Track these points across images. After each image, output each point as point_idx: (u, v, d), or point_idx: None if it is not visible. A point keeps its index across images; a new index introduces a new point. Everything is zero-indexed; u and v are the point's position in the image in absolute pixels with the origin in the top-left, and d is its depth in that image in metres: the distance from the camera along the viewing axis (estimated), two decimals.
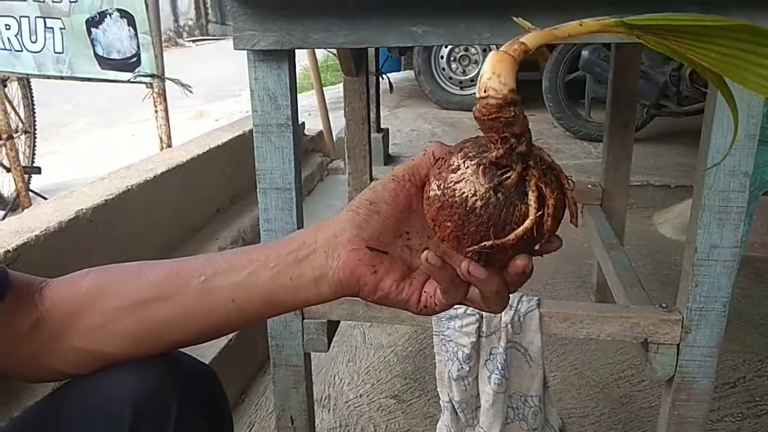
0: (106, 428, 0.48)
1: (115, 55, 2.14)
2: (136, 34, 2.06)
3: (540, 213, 0.41)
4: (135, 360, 0.51)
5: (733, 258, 0.91)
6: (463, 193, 0.41)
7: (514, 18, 0.43)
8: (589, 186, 1.69)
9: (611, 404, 1.37)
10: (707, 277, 0.92)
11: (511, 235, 0.41)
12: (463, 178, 0.42)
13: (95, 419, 0.49)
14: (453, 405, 1.09)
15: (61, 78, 2.30)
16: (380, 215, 0.47)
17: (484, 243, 0.41)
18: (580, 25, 0.39)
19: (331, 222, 0.49)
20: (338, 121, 2.60)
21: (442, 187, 0.43)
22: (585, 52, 3.22)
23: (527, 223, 0.41)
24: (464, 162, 0.42)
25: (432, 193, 0.43)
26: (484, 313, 1.03)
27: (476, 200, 0.41)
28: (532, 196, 0.41)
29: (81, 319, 0.50)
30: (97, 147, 3.99)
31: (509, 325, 1.03)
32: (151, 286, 0.50)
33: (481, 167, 0.41)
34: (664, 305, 0.99)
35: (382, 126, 3.03)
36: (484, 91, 0.39)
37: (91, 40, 2.17)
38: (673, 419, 1.01)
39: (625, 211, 1.68)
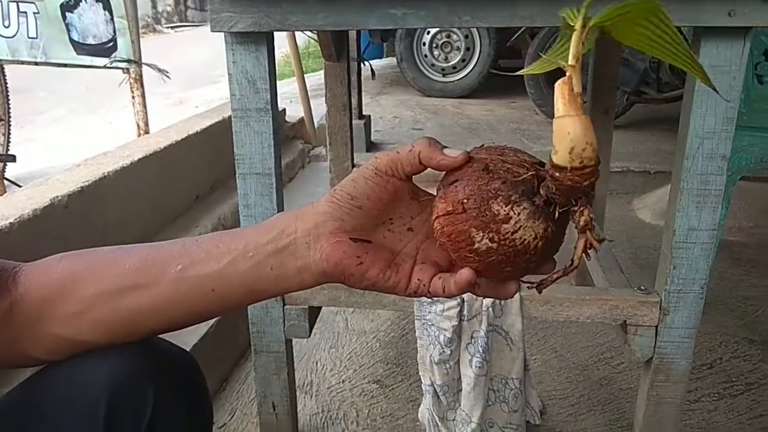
0: (81, 416, 0.47)
1: (90, 40, 2.10)
2: (112, 19, 2.02)
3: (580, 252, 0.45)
4: (111, 347, 0.50)
5: (710, 240, 0.92)
6: (524, 240, 0.43)
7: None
8: None
9: (591, 386, 1.38)
10: (685, 260, 0.93)
11: (576, 261, 0.45)
12: (520, 227, 0.43)
13: (70, 407, 0.48)
14: (435, 388, 1.09)
15: (36, 64, 2.25)
16: (362, 210, 0.47)
17: (554, 276, 0.46)
18: (582, 41, 0.41)
19: (310, 211, 0.48)
20: (320, 108, 2.58)
21: (497, 239, 0.43)
22: None
23: (580, 245, 0.44)
24: (512, 208, 0.43)
25: (484, 246, 0.44)
26: (465, 297, 1.03)
27: (538, 242, 0.43)
28: (581, 220, 0.43)
29: (56, 306, 0.49)
30: (74, 135, 3.93)
31: (490, 309, 1.03)
32: (127, 273, 0.50)
33: (536, 212, 0.43)
34: (642, 288, 1.01)
35: (364, 113, 3.02)
36: (581, 162, 0.41)
37: (66, 25, 2.13)
38: (651, 400, 1.03)
39: (605, 196, 1.70)
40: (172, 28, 10.33)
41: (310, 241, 0.47)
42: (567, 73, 0.41)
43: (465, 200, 0.43)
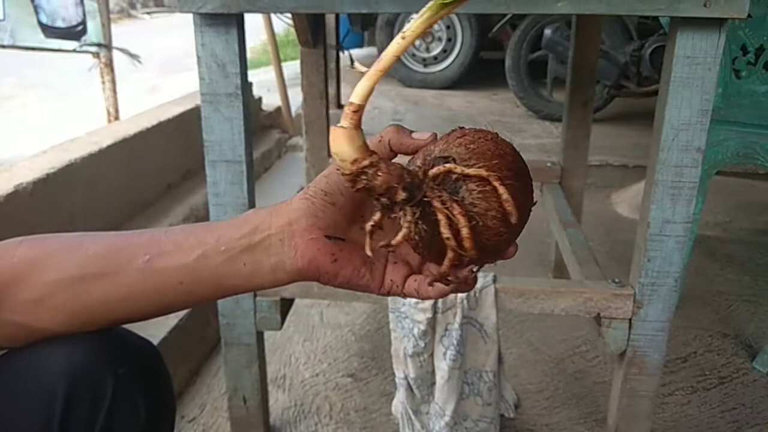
0: (38, 404, 0.46)
1: (59, 23, 2.04)
2: (81, 1, 1.96)
3: (454, 235, 0.41)
4: (71, 335, 0.49)
5: (685, 233, 0.91)
6: (406, 233, 0.42)
7: (353, 65, 0.45)
8: (548, 164, 1.69)
9: (566, 379, 1.38)
10: (659, 253, 0.93)
11: (443, 268, 0.42)
12: (400, 226, 0.42)
13: (28, 392, 0.47)
14: (408, 382, 1.08)
15: (2, 47, 2.17)
16: (336, 206, 0.46)
17: (439, 275, 0.43)
18: (403, 38, 0.41)
19: (284, 208, 0.47)
20: (298, 97, 2.54)
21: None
22: (548, 31, 3.22)
23: (449, 254, 0.41)
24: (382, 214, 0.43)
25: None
26: None
27: (415, 236, 0.42)
28: (443, 225, 0.41)
29: (14, 291, 0.47)
30: (44, 121, 3.83)
31: (465, 301, 1.02)
32: (91, 261, 0.48)
33: (391, 218, 0.43)
34: (616, 280, 1.00)
35: (342, 102, 2.98)
36: (338, 170, 0.43)
37: (35, 7, 2.06)
38: (625, 393, 1.02)
39: (583, 189, 1.69)
40: (148, 13, 10.13)
41: (285, 238, 0.47)
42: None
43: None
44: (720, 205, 2.26)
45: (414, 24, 0.41)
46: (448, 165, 0.41)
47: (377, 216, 0.43)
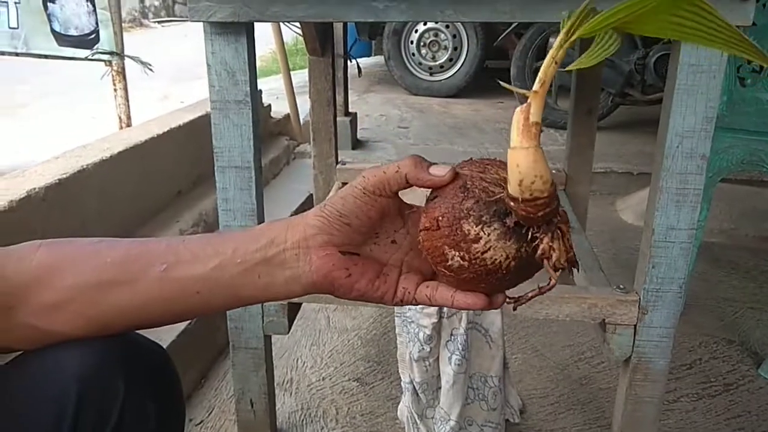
0: (50, 407, 0.47)
1: (72, 32, 2.07)
2: (94, 10, 1.99)
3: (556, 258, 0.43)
4: (83, 339, 0.49)
5: (689, 240, 0.92)
6: (495, 260, 0.43)
7: (503, 84, 0.45)
8: (553, 171, 1.70)
9: (571, 385, 1.38)
10: (664, 259, 0.93)
11: (552, 282, 0.44)
12: (490, 247, 0.43)
13: (39, 398, 0.47)
14: (414, 386, 1.09)
15: (17, 55, 2.21)
16: (351, 226, 0.48)
17: (529, 296, 0.46)
18: (555, 62, 0.40)
19: (300, 222, 0.49)
20: (306, 105, 2.56)
21: (467, 258, 0.44)
22: (552, 40, 3.24)
23: (553, 277, 0.44)
24: (483, 229, 0.43)
25: (456, 264, 0.44)
26: None
27: (510, 262, 0.44)
28: (547, 248, 0.43)
29: (32, 295, 0.48)
30: (56, 128, 3.87)
31: None
32: (109, 268, 0.49)
33: (507, 233, 0.43)
34: (621, 287, 1.01)
35: (350, 110, 3.01)
36: (530, 194, 0.41)
37: (48, 16, 2.10)
38: (630, 399, 1.03)
39: (588, 196, 1.70)
40: (159, 22, 10.24)
41: (300, 252, 0.48)
42: (528, 99, 0.40)
43: (440, 218, 0.44)
44: (725, 212, 2.26)
45: (557, 47, 0.40)
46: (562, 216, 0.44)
47: (546, 242, 0.43)
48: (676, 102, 0.86)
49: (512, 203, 0.42)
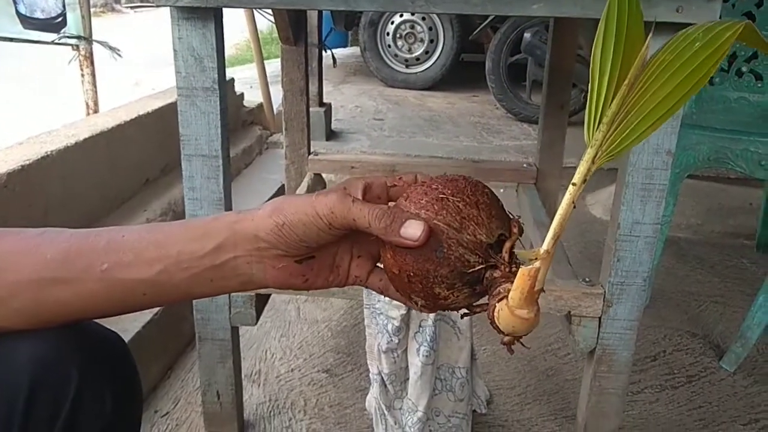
0: (1, 394, 0.46)
1: (38, 15, 2.01)
2: None
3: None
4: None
5: (654, 234, 0.94)
6: (455, 305, 0.47)
7: (517, 252, 0.45)
8: (525, 165, 1.72)
9: (537, 376, 1.40)
10: (629, 253, 0.95)
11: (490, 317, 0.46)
12: (454, 302, 0.47)
13: None
14: (382, 377, 1.09)
15: None
16: (309, 248, 0.48)
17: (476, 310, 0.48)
18: (573, 184, 0.43)
19: (249, 229, 0.47)
20: (280, 95, 2.53)
21: (430, 304, 0.47)
22: (527, 35, 3.26)
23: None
24: (452, 293, 0.45)
25: (417, 303, 0.47)
26: None
27: (472, 300, 0.48)
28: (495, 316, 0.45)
29: None
30: (21, 114, 3.77)
31: None
32: (48, 265, 0.47)
33: (473, 294, 0.46)
34: (587, 280, 1.02)
35: (325, 101, 2.98)
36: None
37: None
38: (594, 390, 1.04)
39: (558, 190, 1.71)
40: (131, 8, 10.02)
41: (252, 260, 0.47)
42: (536, 264, 0.41)
43: (411, 275, 0.45)
44: (692, 208, 2.31)
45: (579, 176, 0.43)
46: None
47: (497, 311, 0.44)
48: None
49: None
